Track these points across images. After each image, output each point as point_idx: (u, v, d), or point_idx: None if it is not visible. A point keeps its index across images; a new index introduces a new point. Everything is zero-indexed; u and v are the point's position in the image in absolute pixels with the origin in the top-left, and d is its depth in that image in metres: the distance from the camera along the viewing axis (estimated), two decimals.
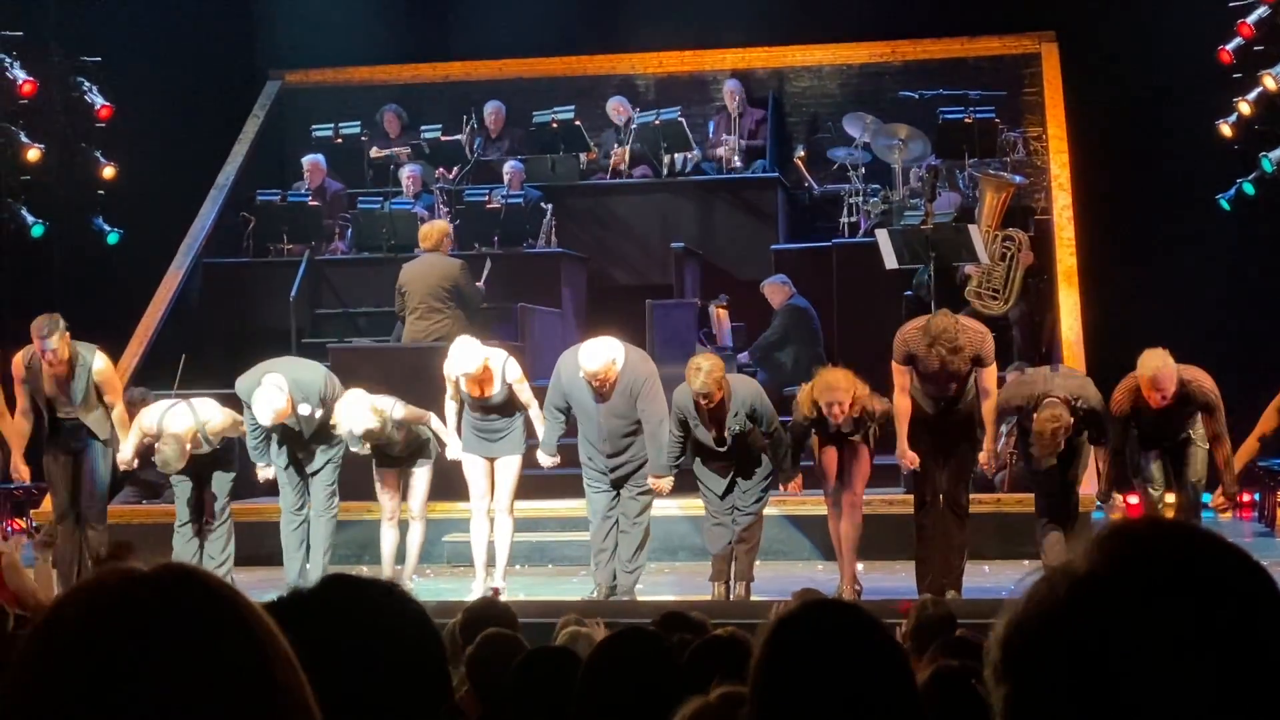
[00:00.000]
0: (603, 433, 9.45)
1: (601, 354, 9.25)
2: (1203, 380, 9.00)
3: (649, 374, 9.43)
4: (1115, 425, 9.07)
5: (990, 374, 9.21)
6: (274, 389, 9.58)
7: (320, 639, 1.79)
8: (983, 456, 9.28)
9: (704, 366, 9.01)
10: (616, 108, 15.21)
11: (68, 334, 9.74)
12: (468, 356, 9.52)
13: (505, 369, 9.70)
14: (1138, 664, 1.20)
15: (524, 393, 9.78)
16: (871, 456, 9.42)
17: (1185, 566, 1.24)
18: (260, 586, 9.10)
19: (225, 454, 10.06)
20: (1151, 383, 8.83)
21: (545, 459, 9.79)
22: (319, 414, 9.79)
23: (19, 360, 9.95)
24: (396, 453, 9.93)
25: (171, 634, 1.24)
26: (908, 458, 9.20)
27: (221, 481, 10.02)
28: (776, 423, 9.32)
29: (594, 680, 3.14)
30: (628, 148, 14.80)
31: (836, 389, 8.99)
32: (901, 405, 9.20)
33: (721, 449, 9.25)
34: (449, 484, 10.28)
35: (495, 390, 9.69)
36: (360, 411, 9.48)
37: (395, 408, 9.65)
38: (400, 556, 10.14)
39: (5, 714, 1.23)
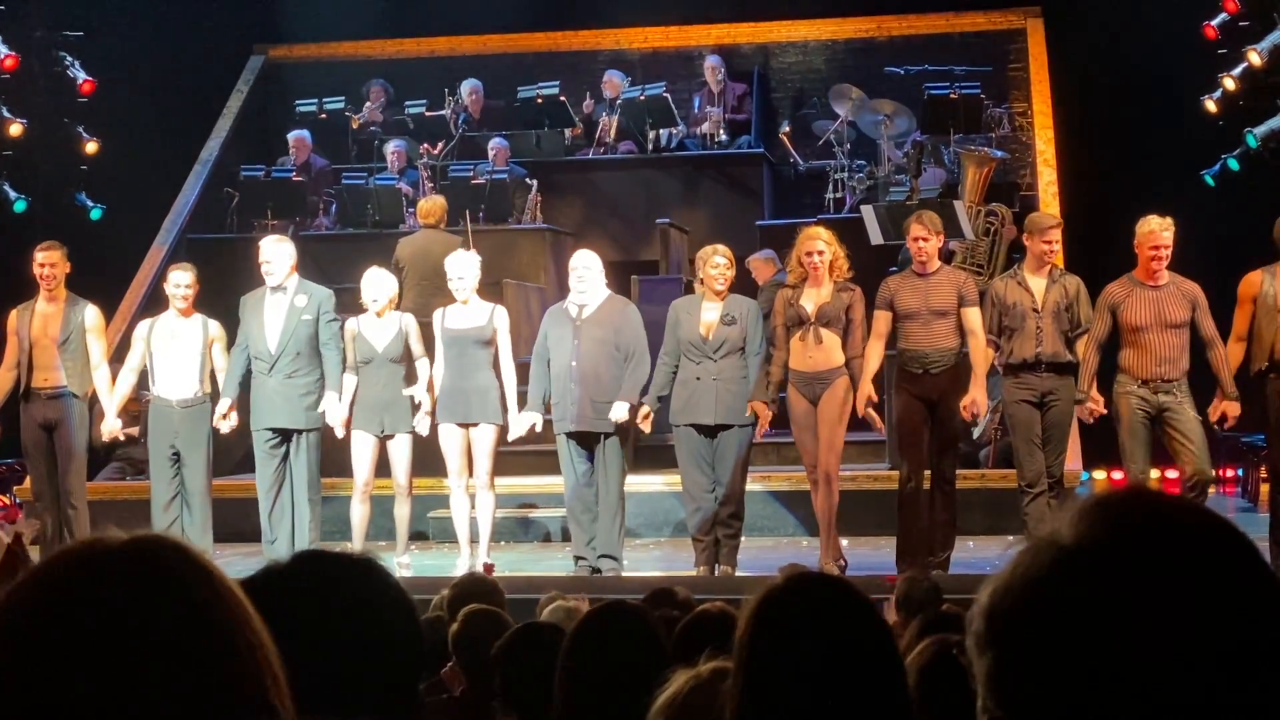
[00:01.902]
0: (577, 358, 9.37)
1: (591, 252, 9.77)
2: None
3: (635, 311, 9.69)
4: (1099, 313, 9.03)
5: (975, 315, 9.11)
6: (293, 251, 9.91)
7: (295, 615, 1.79)
8: (967, 400, 9.06)
9: (722, 247, 9.56)
10: (610, 81, 15.18)
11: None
12: (469, 257, 9.94)
13: (496, 310, 9.79)
14: (1122, 634, 1.19)
15: (504, 345, 9.75)
16: (848, 408, 9.17)
17: (1170, 536, 1.24)
18: (246, 564, 9.09)
19: (196, 431, 9.90)
20: (1150, 236, 8.97)
21: (533, 419, 9.68)
22: (306, 317, 9.76)
23: (14, 314, 10.05)
24: (377, 395, 9.74)
25: (138, 603, 1.24)
26: (867, 398, 9.01)
27: (194, 465, 9.86)
28: (761, 343, 9.33)
29: (577, 654, 3.13)
30: (615, 118, 14.78)
31: (817, 237, 9.23)
32: (873, 350, 9.16)
33: (708, 344, 9.26)
34: (432, 460, 10.26)
35: (478, 319, 9.69)
36: (385, 281, 9.86)
37: (411, 322, 9.90)
38: (383, 534, 10.09)
39: None
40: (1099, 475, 11.87)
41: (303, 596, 1.87)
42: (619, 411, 9.33)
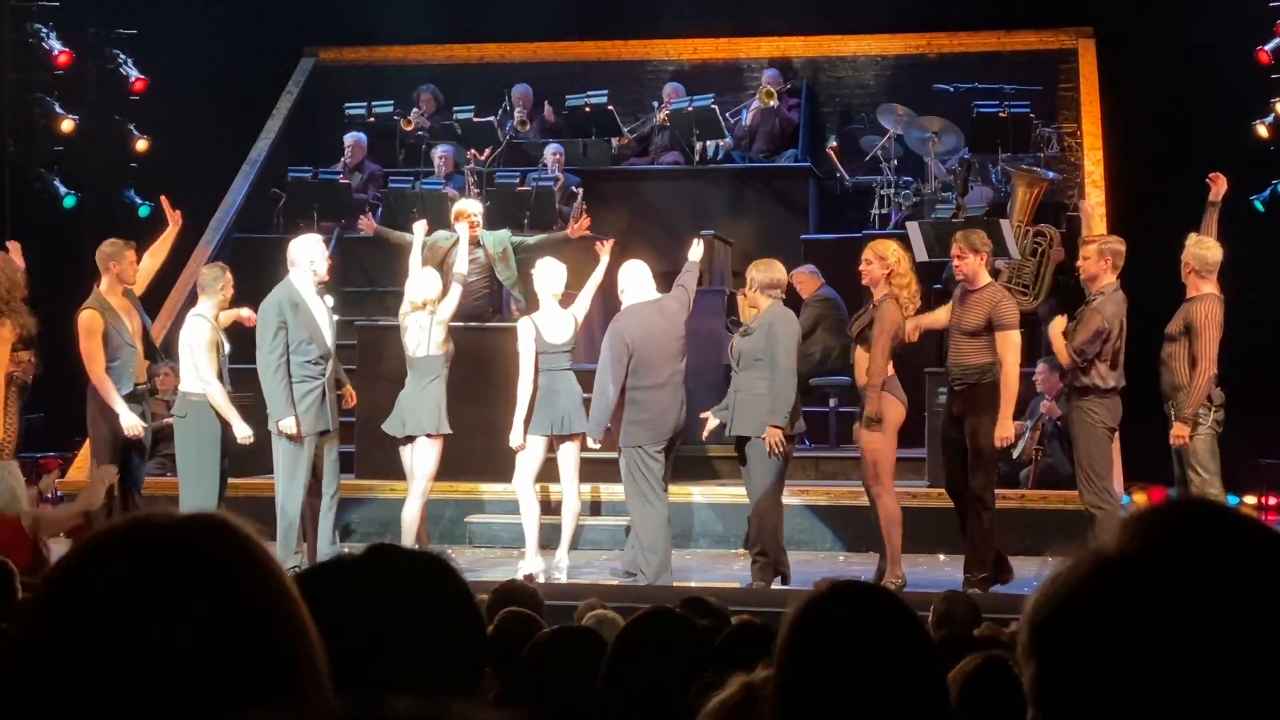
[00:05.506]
0: (666, 348, 9.53)
1: (639, 262, 10.13)
2: (1212, 309, 9.02)
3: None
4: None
5: (1006, 340, 8.98)
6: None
7: (361, 607, 1.79)
8: (1000, 429, 8.91)
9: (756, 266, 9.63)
10: (672, 93, 15.24)
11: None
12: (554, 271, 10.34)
13: (520, 323, 10.03)
14: (1165, 642, 1.19)
15: (523, 358, 9.86)
16: (895, 418, 9.15)
17: (1215, 546, 1.23)
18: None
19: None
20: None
21: (592, 442, 9.71)
22: (336, 317, 9.83)
23: (94, 314, 9.61)
24: (410, 397, 9.70)
25: (175, 581, 1.26)
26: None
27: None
28: (786, 361, 9.22)
29: (622, 658, 3.13)
30: (665, 115, 14.89)
31: (886, 244, 9.37)
32: (940, 311, 9.39)
33: (732, 357, 9.41)
34: (472, 465, 10.27)
35: (568, 325, 9.98)
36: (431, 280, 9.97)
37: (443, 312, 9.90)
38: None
39: (27, 627, 1.28)
40: (1139, 498, 11.80)
41: (370, 589, 1.87)
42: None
